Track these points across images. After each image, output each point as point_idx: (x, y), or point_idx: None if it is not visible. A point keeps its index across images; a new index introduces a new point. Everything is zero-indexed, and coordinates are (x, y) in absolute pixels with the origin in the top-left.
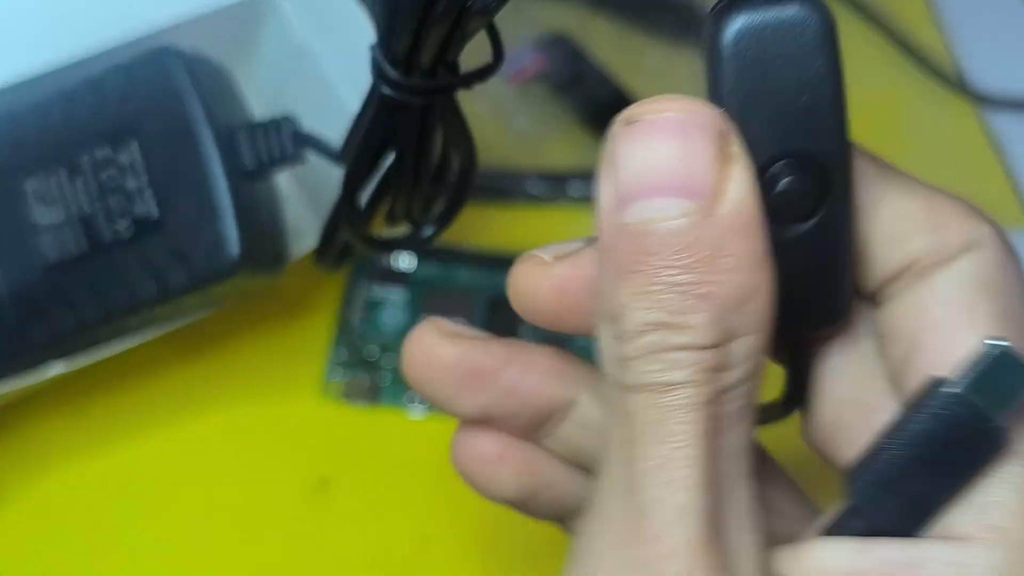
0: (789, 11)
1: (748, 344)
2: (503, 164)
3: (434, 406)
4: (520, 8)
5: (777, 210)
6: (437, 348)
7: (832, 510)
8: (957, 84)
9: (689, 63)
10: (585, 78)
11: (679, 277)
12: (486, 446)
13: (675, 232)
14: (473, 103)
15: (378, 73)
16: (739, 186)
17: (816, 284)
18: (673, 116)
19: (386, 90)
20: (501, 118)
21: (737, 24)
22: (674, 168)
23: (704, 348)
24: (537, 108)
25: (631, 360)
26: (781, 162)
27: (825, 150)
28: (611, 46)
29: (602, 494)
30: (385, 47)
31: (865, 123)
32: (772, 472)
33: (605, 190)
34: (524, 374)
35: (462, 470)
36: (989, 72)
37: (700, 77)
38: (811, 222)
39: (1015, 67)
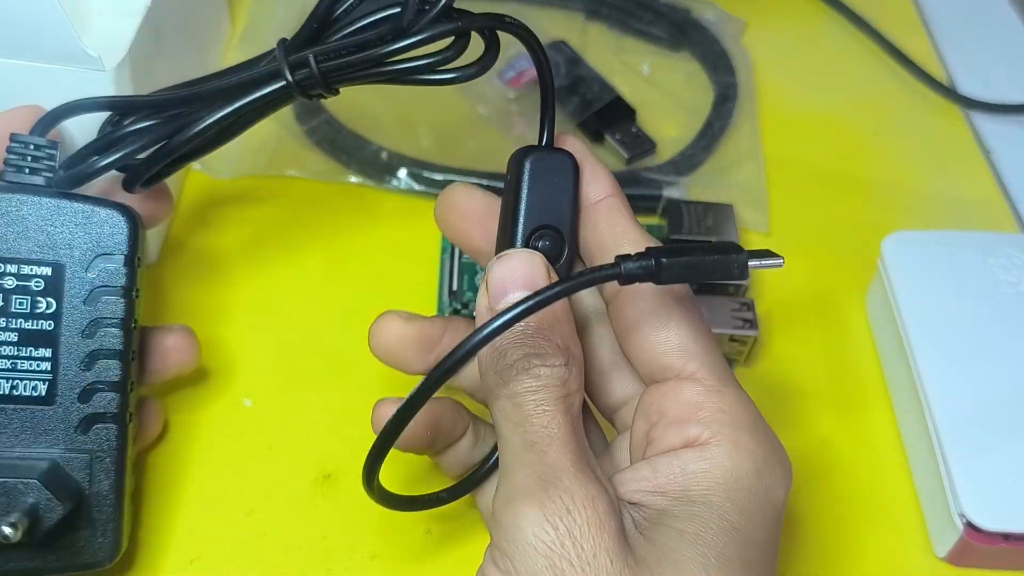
0: (557, 156)
1: (576, 361)
2: (503, 167)
3: (396, 368)
4: (519, 15)
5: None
6: (401, 327)
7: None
8: (946, 89)
9: (682, 67)
10: (583, 82)
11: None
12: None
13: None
14: (473, 108)
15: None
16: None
17: None
18: (519, 252)
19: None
20: (501, 122)
21: (532, 157)
22: (524, 275)
23: (556, 366)
24: (536, 112)
25: (514, 378)
26: (542, 229)
27: (563, 225)
28: (608, 52)
29: (506, 457)
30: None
31: (858, 126)
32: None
33: (482, 293)
34: (455, 339)
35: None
36: (978, 77)
37: (692, 81)
38: (558, 264)
39: (1004, 72)
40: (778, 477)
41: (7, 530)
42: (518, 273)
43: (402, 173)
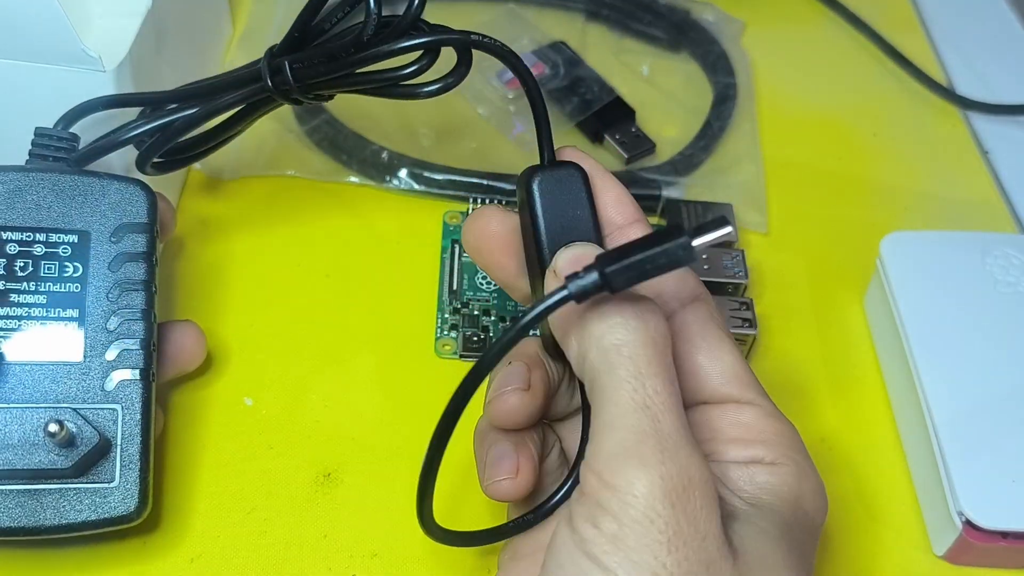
0: (563, 171)
1: None
2: (503, 167)
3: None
4: (519, 16)
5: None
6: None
7: None
8: (945, 90)
9: (681, 68)
10: (582, 83)
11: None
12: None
13: None
14: (473, 108)
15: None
16: None
17: None
18: (582, 243)
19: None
20: (500, 122)
21: (538, 178)
22: (592, 256)
23: (663, 323)
24: None
25: (626, 325)
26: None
27: (587, 239)
28: (607, 52)
29: (610, 412)
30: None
31: (856, 126)
32: None
33: (549, 275)
34: None
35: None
36: (976, 78)
37: (691, 81)
38: None
39: (1002, 73)
40: (821, 505)
41: (53, 427)
42: (587, 255)
43: (402, 173)
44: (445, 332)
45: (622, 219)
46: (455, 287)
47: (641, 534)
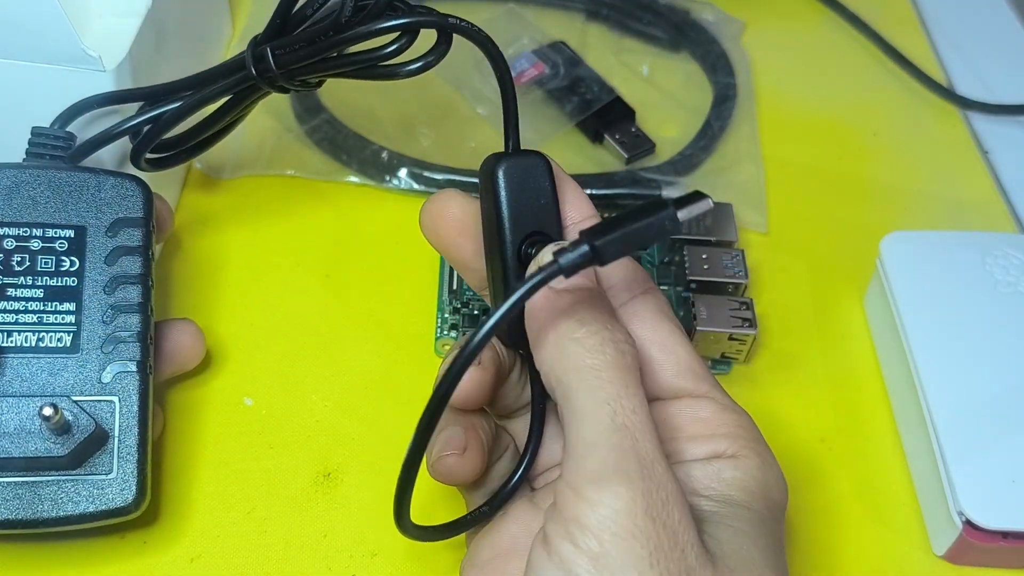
0: (528, 158)
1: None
2: None
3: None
4: (519, 16)
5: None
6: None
7: None
8: (945, 89)
9: (681, 68)
10: (582, 83)
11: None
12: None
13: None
14: (472, 107)
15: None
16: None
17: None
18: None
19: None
20: (500, 122)
21: (504, 165)
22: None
23: (633, 347)
24: (535, 112)
25: (599, 349)
26: (532, 237)
27: (551, 229)
28: (607, 52)
29: (587, 432)
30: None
31: (856, 126)
32: None
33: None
34: None
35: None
36: (976, 78)
37: (691, 81)
38: None
39: (1002, 73)
40: (783, 490)
41: (47, 410)
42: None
43: (402, 173)
44: (445, 332)
45: (578, 215)
46: (455, 287)
47: (624, 550)
